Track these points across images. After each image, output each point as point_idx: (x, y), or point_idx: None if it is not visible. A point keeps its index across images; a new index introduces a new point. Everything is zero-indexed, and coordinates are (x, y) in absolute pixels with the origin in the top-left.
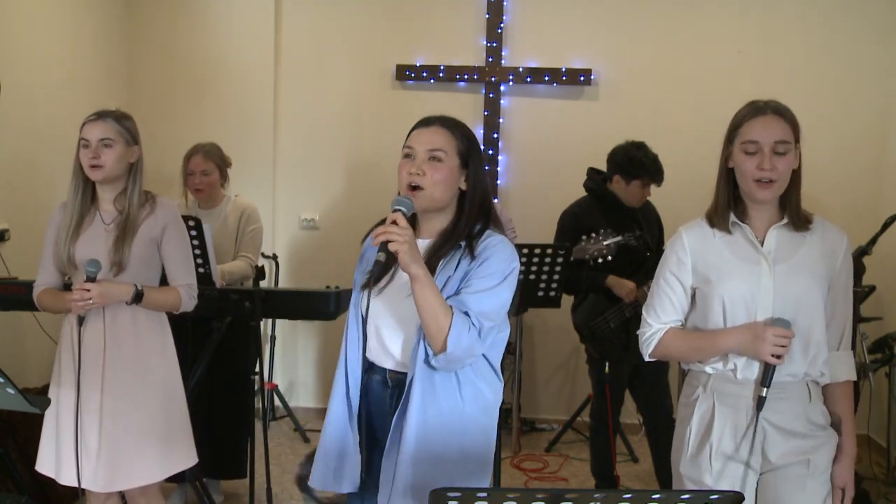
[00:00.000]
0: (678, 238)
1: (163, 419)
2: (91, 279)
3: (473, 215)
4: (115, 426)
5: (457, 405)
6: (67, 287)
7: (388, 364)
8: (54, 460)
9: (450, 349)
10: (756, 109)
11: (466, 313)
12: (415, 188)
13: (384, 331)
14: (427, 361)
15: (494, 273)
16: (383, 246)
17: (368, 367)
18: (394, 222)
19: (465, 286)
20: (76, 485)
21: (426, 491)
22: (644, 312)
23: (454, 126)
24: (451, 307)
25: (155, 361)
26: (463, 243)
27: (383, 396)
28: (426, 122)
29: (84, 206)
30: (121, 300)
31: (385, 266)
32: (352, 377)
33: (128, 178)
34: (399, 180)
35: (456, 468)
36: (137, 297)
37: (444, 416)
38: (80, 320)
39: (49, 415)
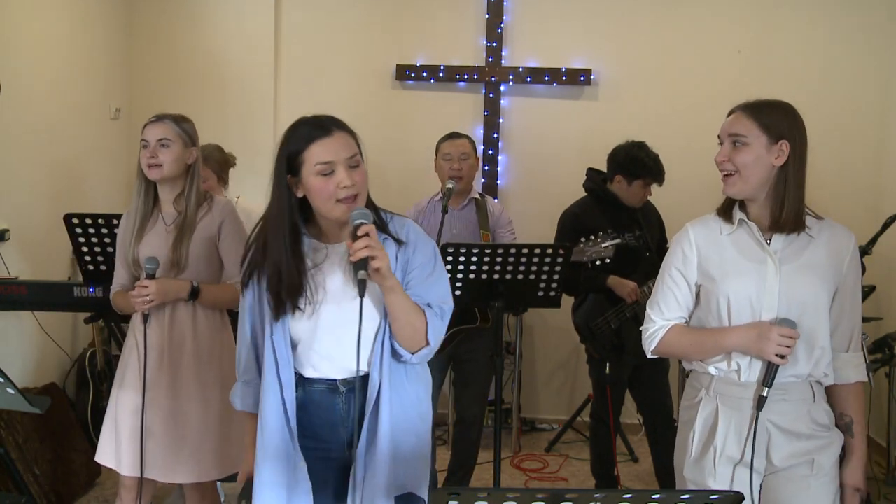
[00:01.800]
0: (685, 234)
1: (222, 417)
2: (150, 276)
3: (372, 204)
4: (177, 423)
5: (413, 398)
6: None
7: (336, 375)
8: (114, 454)
9: (432, 343)
10: (732, 109)
11: (429, 305)
12: (353, 197)
13: (334, 347)
14: (398, 360)
15: (428, 257)
16: (363, 263)
17: (304, 380)
18: (366, 235)
19: (409, 277)
20: (138, 475)
21: (398, 490)
22: (648, 308)
23: (345, 125)
24: (418, 306)
25: (214, 359)
26: (384, 236)
27: (332, 404)
28: (326, 132)
29: (146, 208)
30: (178, 296)
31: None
32: (288, 399)
33: (186, 178)
34: (325, 199)
35: (419, 465)
36: (194, 294)
37: (408, 412)
38: (145, 318)
39: (109, 411)
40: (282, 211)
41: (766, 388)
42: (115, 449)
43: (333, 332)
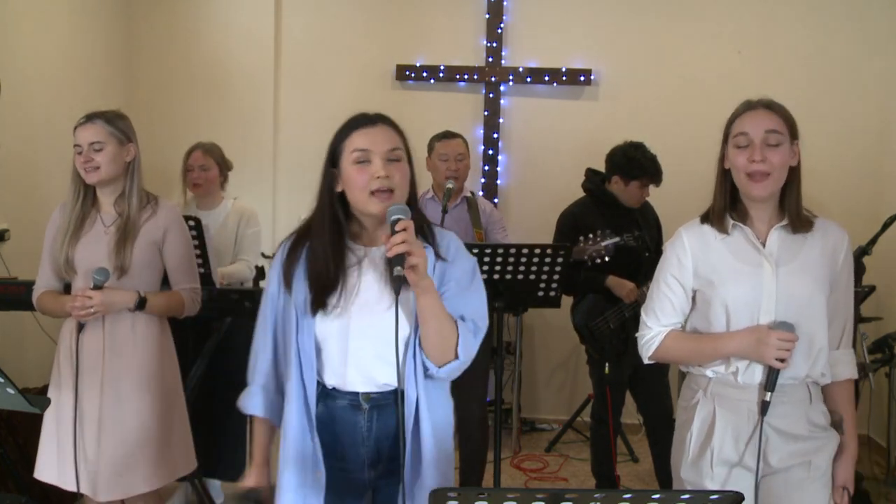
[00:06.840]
0: (678, 239)
1: (162, 425)
2: (98, 287)
3: (419, 212)
4: (115, 433)
5: (444, 416)
6: (69, 288)
7: (362, 387)
8: (56, 467)
9: (462, 358)
10: (747, 105)
11: (462, 318)
12: (388, 191)
13: (361, 355)
14: (427, 375)
15: (466, 271)
16: (399, 259)
17: (325, 394)
18: (404, 230)
19: (445, 289)
20: (75, 490)
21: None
22: (643, 314)
23: (393, 122)
24: (452, 316)
25: (154, 366)
26: (426, 245)
27: (354, 421)
28: (370, 122)
29: (84, 209)
30: (124, 308)
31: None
32: (311, 403)
33: (125, 177)
34: (359, 190)
35: (450, 467)
36: (140, 304)
37: (441, 431)
38: (80, 326)
39: (49, 421)
40: (323, 204)
41: (769, 393)
42: (56, 464)
43: (361, 339)
